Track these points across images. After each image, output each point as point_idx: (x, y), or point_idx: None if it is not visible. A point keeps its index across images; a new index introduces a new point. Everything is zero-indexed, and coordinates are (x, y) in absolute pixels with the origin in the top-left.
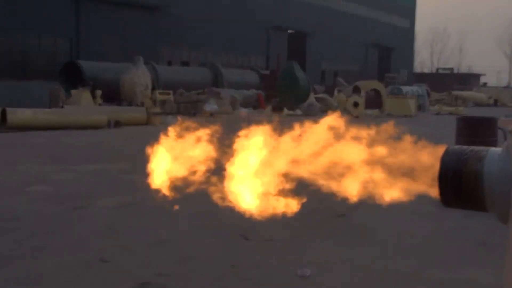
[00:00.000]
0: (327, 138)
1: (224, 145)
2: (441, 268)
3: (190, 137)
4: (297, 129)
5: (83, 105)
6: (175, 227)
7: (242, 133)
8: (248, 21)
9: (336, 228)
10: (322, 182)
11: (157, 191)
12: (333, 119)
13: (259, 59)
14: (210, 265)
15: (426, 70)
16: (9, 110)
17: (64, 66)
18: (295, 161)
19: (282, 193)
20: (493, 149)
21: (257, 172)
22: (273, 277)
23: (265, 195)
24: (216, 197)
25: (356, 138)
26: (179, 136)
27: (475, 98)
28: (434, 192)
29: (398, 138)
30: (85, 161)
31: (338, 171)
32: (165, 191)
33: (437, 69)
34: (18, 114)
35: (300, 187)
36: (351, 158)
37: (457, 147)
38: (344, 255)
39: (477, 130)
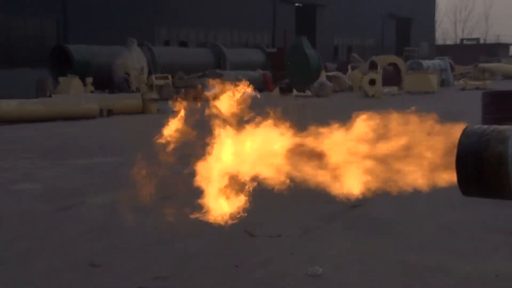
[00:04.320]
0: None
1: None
2: (468, 261)
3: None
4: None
5: (73, 94)
6: (173, 225)
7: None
8: None
9: (351, 221)
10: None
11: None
12: None
13: (264, 36)
14: (212, 265)
15: (449, 42)
16: None
17: (52, 50)
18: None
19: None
20: None
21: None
22: (282, 277)
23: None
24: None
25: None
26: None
27: (504, 70)
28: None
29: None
30: (76, 155)
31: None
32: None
33: (461, 40)
34: (1, 106)
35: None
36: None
37: (476, 127)
38: (360, 250)
39: (505, 106)
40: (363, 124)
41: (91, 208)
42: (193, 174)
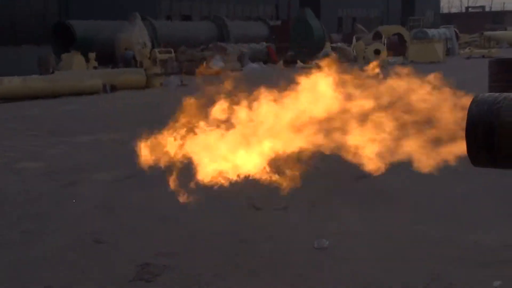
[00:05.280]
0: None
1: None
2: (476, 231)
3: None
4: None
5: (75, 70)
6: (176, 201)
7: None
8: None
9: (357, 192)
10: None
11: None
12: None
13: (267, 8)
14: (218, 241)
15: (454, 10)
16: None
17: (54, 27)
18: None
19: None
20: None
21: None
22: (288, 250)
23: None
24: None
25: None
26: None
27: (510, 38)
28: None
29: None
30: (80, 131)
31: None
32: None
33: (467, 8)
34: (4, 83)
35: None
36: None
37: (487, 95)
38: (367, 223)
39: None
40: None
41: (95, 185)
42: None
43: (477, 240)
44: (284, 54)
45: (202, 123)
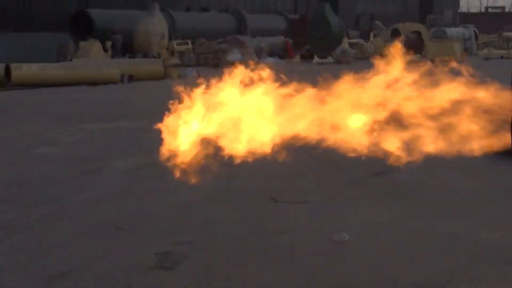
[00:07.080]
0: None
1: None
2: (496, 228)
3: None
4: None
5: (94, 58)
6: (196, 190)
7: None
8: None
9: (376, 187)
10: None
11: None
12: None
13: (286, 2)
14: (236, 231)
15: (473, 10)
16: (13, 65)
17: (73, 15)
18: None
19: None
20: None
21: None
22: (307, 243)
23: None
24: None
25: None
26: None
27: None
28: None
29: None
30: (97, 119)
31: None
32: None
33: (486, 8)
34: (23, 70)
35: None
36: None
37: None
38: (386, 217)
39: None
40: None
41: (113, 172)
42: None
43: (498, 237)
44: (301, 49)
45: None
